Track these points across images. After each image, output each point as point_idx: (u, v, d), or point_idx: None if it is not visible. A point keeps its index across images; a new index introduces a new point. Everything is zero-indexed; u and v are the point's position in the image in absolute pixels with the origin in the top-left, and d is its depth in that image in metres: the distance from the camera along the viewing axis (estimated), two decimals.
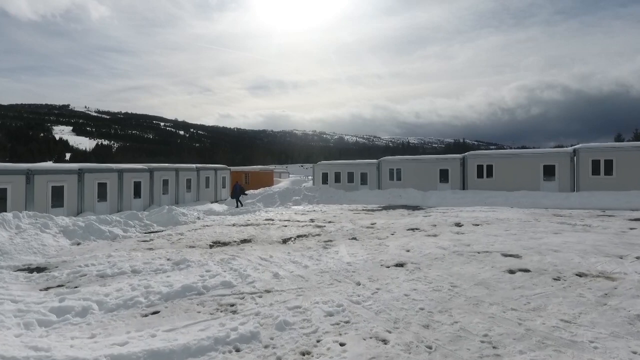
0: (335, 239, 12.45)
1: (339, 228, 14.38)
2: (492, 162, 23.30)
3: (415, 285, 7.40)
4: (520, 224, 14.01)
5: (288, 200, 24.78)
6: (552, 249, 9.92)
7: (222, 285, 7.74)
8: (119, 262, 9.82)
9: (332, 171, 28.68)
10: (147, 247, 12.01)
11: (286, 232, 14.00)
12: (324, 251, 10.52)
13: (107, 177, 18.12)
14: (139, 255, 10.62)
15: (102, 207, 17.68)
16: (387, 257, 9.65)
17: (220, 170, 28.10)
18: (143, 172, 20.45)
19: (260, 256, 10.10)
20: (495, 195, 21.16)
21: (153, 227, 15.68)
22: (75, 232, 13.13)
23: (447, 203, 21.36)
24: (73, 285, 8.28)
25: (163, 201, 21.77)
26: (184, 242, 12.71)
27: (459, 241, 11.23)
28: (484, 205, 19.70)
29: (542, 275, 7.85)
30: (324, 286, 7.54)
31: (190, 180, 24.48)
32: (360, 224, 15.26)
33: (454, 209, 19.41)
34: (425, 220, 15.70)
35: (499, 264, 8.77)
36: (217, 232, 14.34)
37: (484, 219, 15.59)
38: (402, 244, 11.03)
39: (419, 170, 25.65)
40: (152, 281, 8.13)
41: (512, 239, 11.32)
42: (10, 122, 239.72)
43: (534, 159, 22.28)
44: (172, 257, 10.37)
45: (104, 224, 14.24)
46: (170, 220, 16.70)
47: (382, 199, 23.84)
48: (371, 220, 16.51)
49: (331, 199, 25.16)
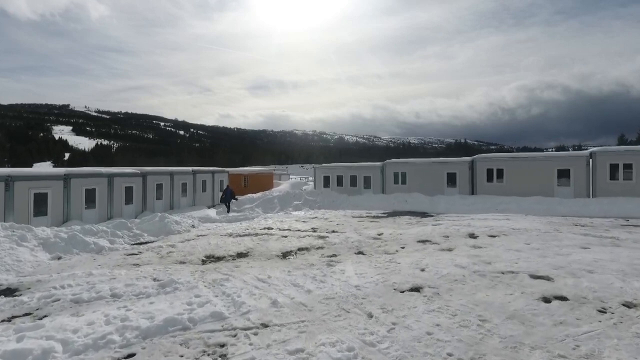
0: (340, 253, 11.37)
1: (344, 239, 13.30)
2: (503, 165, 22.19)
3: (438, 318, 6.32)
4: (540, 236, 12.92)
5: (288, 205, 23.70)
6: (585, 269, 8.83)
7: (212, 316, 6.65)
8: (99, 284, 8.74)
9: (334, 174, 27.59)
10: (133, 262, 10.93)
11: (286, 244, 12.92)
12: (328, 269, 9.44)
13: (96, 183, 17.03)
14: (123, 274, 9.54)
15: (90, 215, 16.60)
16: (400, 278, 8.56)
17: (217, 173, 27.02)
18: (135, 176, 19.36)
19: (257, 276, 9.02)
20: (507, 201, 20.04)
21: (143, 237, 14.59)
22: (57, 245, 12.05)
23: (456, 209, 20.26)
24: (42, 313, 7.21)
25: (157, 207, 20.69)
26: (174, 256, 11.62)
27: (478, 257, 10.14)
28: (496, 213, 18.61)
29: (583, 305, 6.77)
30: (331, 319, 6.46)
31: (185, 184, 23.39)
32: (365, 235, 14.17)
33: (465, 216, 18.31)
34: (436, 230, 14.62)
35: (529, 288, 7.69)
36: (212, 243, 13.25)
37: (500, 229, 14.50)
38: (415, 261, 9.94)
39: (425, 174, 24.55)
40: (132, 310, 7.06)
41: (536, 255, 10.22)
42: (10, 122, 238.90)
43: (547, 162, 21.17)
44: (159, 276, 9.30)
45: (89, 235, 13.15)
46: (162, 230, 15.62)
47: (386, 204, 22.75)
48: (377, 229, 15.42)
49: (333, 203, 24.08)
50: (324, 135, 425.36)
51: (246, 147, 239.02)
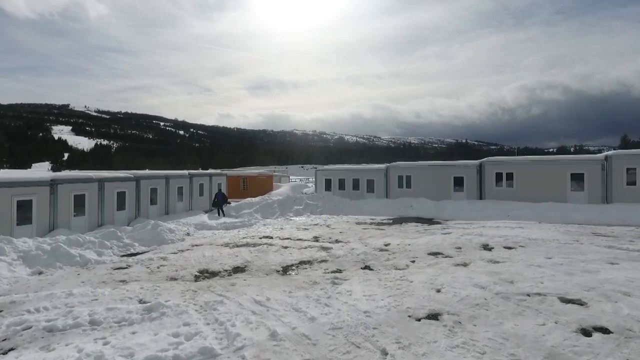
0: (345, 268, 10.46)
1: (348, 251, 12.38)
2: (513, 169, 21.26)
3: (464, 358, 5.41)
4: (561, 248, 12.00)
5: (289, 210, 22.79)
6: (620, 291, 7.92)
7: (201, 353, 5.75)
8: (78, 307, 7.83)
9: (336, 177, 26.67)
10: (120, 278, 10.03)
11: (286, 256, 12.01)
12: (333, 289, 8.53)
13: (86, 188, 16.10)
14: (106, 294, 8.63)
15: (79, 223, 15.68)
16: (414, 301, 7.65)
17: (215, 177, 26.10)
18: (128, 181, 18.45)
19: (254, 297, 8.11)
20: (518, 207, 19.12)
21: (134, 248, 13.69)
22: (38, 258, 11.14)
23: (464, 215, 19.34)
24: (8, 346, 6.32)
25: (151, 213, 19.78)
26: (165, 271, 10.71)
27: (498, 275, 9.22)
28: (508, 220, 17.70)
29: (630, 340, 5.85)
30: (338, 356, 5.56)
31: (182, 188, 22.48)
32: (372, 245, 13.26)
33: (475, 223, 17.40)
34: (447, 240, 13.70)
35: (562, 316, 6.77)
36: (207, 255, 12.34)
37: (515, 239, 13.58)
38: (428, 279, 9.03)
39: (431, 178, 23.62)
40: (110, 344, 6.15)
41: (561, 272, 9.30)
42: (10, 122, 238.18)
43: (560, 166, 20.24)
44: (146, 296, 8.40)
45: (74, 246, 12.24)
46: (154, 239, 14.71)
47: (391, 209, 21.84)
48: (383, 238, 14.51)
49: (335, 208, 23.17)
50: (324, 135, 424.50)
51: (246, 147, 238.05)
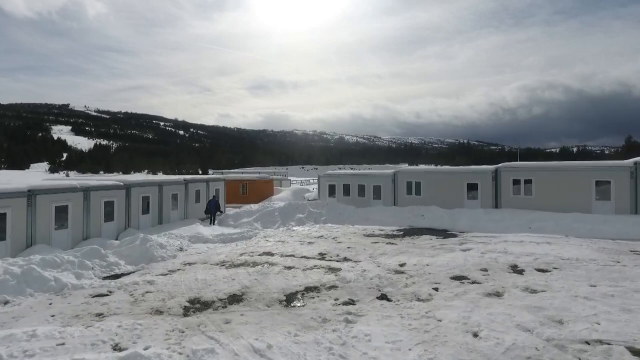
0: (358, 298, 9.03)
1: (360, 273, 10.93)
2: (532, 176, 19.78)
3: None
4: (602, 271, 10.55)
5: (291, 218, 21.36)
6: None
7: None
8: (38, 356, 6.41)
9: (340, 183, 25.21)
10: (96, 311, 8.59)
11: (290, 280, 10.56)
12: (347, 331, 7.10)
13: (69, 199, 14.66)
14: (76, 335, 7.20)
15: (61, 237, 14.24)
16: (450, 352, 6.22)
17: (213, 182, 24.66)
18: (117, 189, 16.99)
19: (252, 344, 6.68)
20: (539, 217, 17.66)
21: (119, 267, 12.25)
22: (6, 284, 9.71)
23: (481, 227, 17.88)
24: None
25: (143, 223, 18.35)
26: (150, 299, 9.28)
27: (541, 311, 7.78)
28: (530, 232, 16.24)
29: None
30: None
31: (176, 195, 21.03)
32: (385, 265, 11.81)
33: (495, 237, 15.94)
34: (469, 258, 12.25)
35: None
36: (200, 278, 10.89)
37: (545, 257, 12.13)
38: (460, 317, 7.58)
39: (442, 184, 22.15)
40: None
41: (617, 308, 7.85)
42: (9, 121, 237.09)
43: (583, 173, 18.74)
44: (123, 341, 6.97)
45: (49, 268, 10.80)
46: (143, 255, 13.28)
47: (400, 218, 20.39)
48: (397, 256, 13.06)
49: (340, 217, 21.73)
50: (324, 135, 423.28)
51: (246, 147, 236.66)
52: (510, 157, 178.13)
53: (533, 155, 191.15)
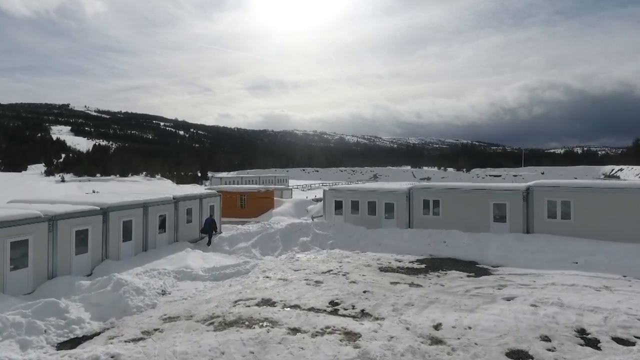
0: None
1: (386, 345, 8.47)
2: (570, 197, 17.24)
3: None
4: None
5: (293, 243, 18.91)
6: None
7: None
8: None
9: (348, 199, 22.74)
10: None
11: (296, 354, 8.10)
12: None
13: (29, 231, 12.20)
14: None
15: (19, 278, 11.78)
16: None
17: (207, 198, 22.17)
18: (92, 215, 14.53)
19: None
20: (582, 248, 15.13)
21: (81, 326, 9.82)
22: None
23: (515, 259, 15.39)
24: None
25: (123, 252, 15.91)
26: None
27: None
28: (577, 268, 13.78)
29: None
30: None
31: (164, 216, 18.59)
32: (415, 327, 9.35)
33: (537, 274, 13.46)
34: (519, 316, 9.78)
35: None
36: (178, 351, 8.44)
37: (616, 316, 9.64)
38: None
39: (464, 204, 19.64)
40: None
41: None
42: (9, 121, 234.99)
43: (632, 194, 16.25)
44: None
45: None
46: (115, 306, 10.86)
47: (418, 244, 17.93)
48: (427, 309, 10.59)
49: (349, 240, 19.29)
50: (325, 135, 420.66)
51: (246, 148, 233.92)
52: (513, 157, 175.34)
53: (537, 156, 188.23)
